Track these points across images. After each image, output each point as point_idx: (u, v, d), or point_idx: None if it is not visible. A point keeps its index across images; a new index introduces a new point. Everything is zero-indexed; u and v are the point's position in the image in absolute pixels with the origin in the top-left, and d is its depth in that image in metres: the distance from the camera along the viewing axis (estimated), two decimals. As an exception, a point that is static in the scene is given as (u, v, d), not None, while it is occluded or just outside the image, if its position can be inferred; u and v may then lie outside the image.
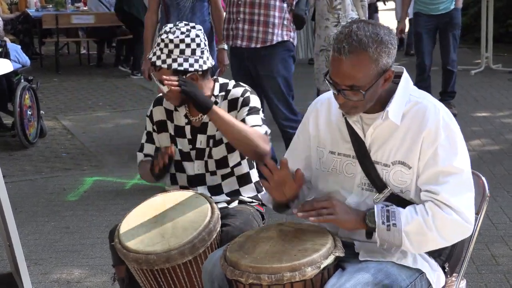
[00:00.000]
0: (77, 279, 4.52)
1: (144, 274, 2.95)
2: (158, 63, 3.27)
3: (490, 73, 11.26)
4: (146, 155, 3.52)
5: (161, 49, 3.28)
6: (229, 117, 3.26)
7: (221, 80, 3.49)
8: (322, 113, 2.88)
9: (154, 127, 3.52)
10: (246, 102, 3.39)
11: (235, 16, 5.63)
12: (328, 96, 2.84)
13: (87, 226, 5.44)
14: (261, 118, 3.39)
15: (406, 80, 2.70)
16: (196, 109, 3.30)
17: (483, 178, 2.94)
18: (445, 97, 8.54)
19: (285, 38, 5.64)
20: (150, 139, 3.54)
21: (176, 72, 3.26)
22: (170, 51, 3.26)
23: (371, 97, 2.59)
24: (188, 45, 3.28)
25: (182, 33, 3.28)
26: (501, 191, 5.88)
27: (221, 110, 3.27)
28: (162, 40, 3.28)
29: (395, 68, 2.69)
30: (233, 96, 3.41)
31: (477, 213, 2.85)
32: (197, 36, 3.31)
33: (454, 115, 8.11)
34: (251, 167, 3.53)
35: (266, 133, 3.32)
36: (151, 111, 3.54)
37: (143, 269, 2.91)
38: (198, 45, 3.31)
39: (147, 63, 5.81)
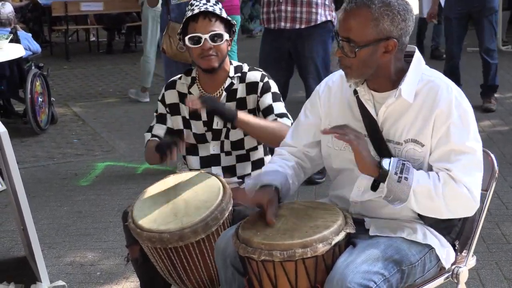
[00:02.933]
0: (90, 262, 4.57)
1: (158, 253, 2.98)
2: (202, 8, 3.28)
3: (500, 55, 11.09)
4: (153, 135, 3.50)
5: (196, 6, 3.32)
6: (254, 119, 3.26)
7: (234, 62, 3.50)
8: (334, 90, 2.90)
9: (167, 109, 3.52)
10: (267, 88, 3.39)
11: None
12: (341, 73, 2.83)
13: (99, 210, 5.49)
14: (283, 104, 3.41)
15: (418, 59, 2.71)
16: (223, 121, 3.30)
17: (492, 155, 2.94)
18: (486, 90, 8.00)
19: (328, 18, 5.70)
20: (160, 120, 3.53)
21: (221, 20, 3.32)
22: (209, 3, 3.32)
23: (365, 61, 2.59)
24: (221, 9, 3.36)
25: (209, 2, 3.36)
26: (511, 170, 5.88)
27: (245, 114, 3.26)
28: (194, 3, 3.34)
29: (408, 47, 2.70)
30: (251, 80, 3.42)
31: (486, 189, 2.88)
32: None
33: (492, 110, 7.81)
34: (265, 154, 3.55)
35: (291, 124, 3.28)
36: (163, 94, 3.54)
37: (157, 247, 2.94)
38: (221, 9, 3.39)
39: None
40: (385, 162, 2.58)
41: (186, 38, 3.33)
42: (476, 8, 7.69)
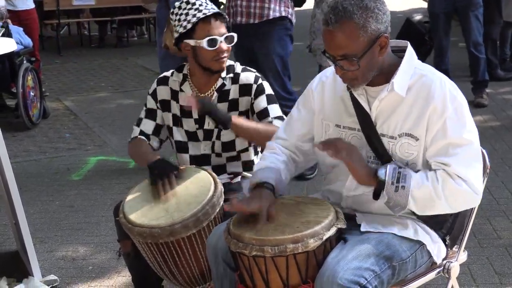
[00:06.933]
0: (82, 256, 4.57)
1: (149, 247, 2.98)
2: (209, 8, 3.27)
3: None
4: (142, 132, 3.47)
5: (200, 5, 3.29)
6: (247, 122, 3.26)
7: (227, 61, 3.42)
8: (327, 86, 2.89)
9: (158, 105, 3.48)
10: (261, 90, 3.37)
11: None
12: (333, 69, 2.84)
13: (91, 205, 5.49)
14: (278, 106, 3.40)
15: (410, 54, 2.72)
16: (217, 124, 3.29)
17: (484, 150, 2.95)
18: (477, 85, 8.02)
19: (283, 14, 5.64)
20: (150, 116, 3.49)
21: (224, 22, 3.31)
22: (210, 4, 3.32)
23: (368, 66, 2.60)
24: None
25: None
26: (502, 166, 5.90)
27: (239, 118, 3.27)
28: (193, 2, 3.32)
29: (400, 42, 2.72)
30: (244, 82, 3.38)
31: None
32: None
33: (484, 105, 7.80)
34: (256, 154, 3.52)
35: None
36: (155, 89, 3.49)
37: (148, 242, 2.94)
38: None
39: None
40: (381, 173, 2.59)
41: (204, 40, 3.25)
42: (461, 3, 7.78)
